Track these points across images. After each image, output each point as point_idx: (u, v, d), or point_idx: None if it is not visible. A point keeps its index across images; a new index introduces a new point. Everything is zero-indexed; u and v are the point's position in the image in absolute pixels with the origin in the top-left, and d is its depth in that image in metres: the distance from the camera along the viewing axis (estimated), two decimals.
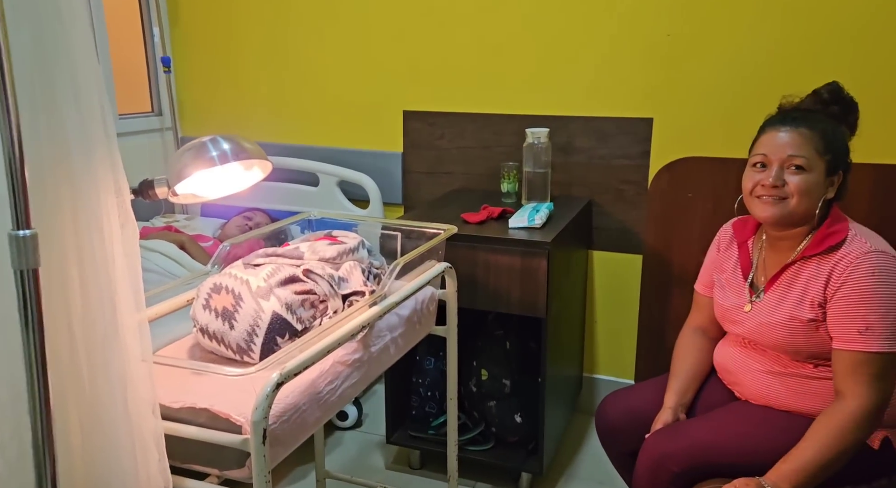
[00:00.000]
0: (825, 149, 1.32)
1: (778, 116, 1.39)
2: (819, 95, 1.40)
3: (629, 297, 2.31)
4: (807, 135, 1.32)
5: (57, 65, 0.79)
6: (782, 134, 1.34)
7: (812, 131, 1.32)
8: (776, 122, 1.37)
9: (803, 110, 1.39)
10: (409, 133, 2.47)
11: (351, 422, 2.32)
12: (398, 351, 1.41)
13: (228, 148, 1.13)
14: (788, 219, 1.35)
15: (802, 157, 1.31)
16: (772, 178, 1.32)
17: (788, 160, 1.32)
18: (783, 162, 1.33)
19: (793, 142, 1.32)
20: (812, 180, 1.32)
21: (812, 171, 1.32)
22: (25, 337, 0.77)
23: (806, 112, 1.38)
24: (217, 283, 1.19)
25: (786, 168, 1.33)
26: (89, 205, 0.84)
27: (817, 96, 1.40)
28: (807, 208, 1.33)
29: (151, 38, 2.64)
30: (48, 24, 0.77)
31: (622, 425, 1.55)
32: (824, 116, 1.37)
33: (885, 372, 1.24)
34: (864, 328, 1.24)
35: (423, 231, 1.58)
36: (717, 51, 2.05)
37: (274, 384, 0.97)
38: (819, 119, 1.35)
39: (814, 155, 1.31)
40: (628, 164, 2.23)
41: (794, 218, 1.35)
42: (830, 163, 1.32)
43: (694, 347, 1.59)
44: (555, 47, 2.22)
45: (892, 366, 1.25)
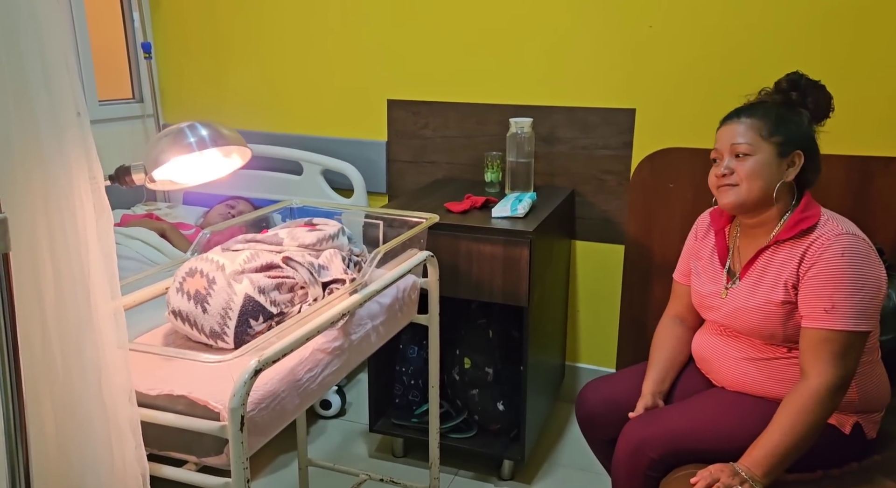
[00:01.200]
0: (770, 133, 1.36)
1: (729, 113, 1.44)
2: (779, 85, 1.45)
3: (611, 287, 2.32)
4: (748, 123, 1.38)
5: (26, 47, 0.77)
6: (728, 127, 1.41)
7: (753, 118, 1.38)
8: (726, 118, 1.43)
9: (750, 103, 1.44)
10: (393, 122, 2.46)
11: (334, 411, 2.32)
12: (379, 339, 1.41)
13: (206, 134, 1.12)
14: (746, 204, 1.39)
15: (745, 144, 1.37)
16: (722, 168, 1.39)
17: (733, 149, 1.38)
18: (730, 151, 1.39)
19: (735, 132, 1.39)
20: (758, 163, 1.36)
21: (757, 155, 1.36)
22: None
23: (752, 104, 1.44)
24: (192, 267, 1.18)
25: (733, 157, 1.39)
26: (61, 190, 0.83)
27: (777, 86, 1.45)
28: (761, 191, 1.37)
29: (132, 22, 2.60)
30: (17, 4, 0.76)
31: (602, 413, 1.57)
32: (772, 104, 1.41)
33: (847, 351, 1.27)
34: (831, 306, 1.27)
35: (405, 220, 1.58)
36: (699, 42, 2.06)
37: (252, 371, 0.97)
38: (763, 107, 1.41)
39: (756, 139, 1.37)
40: (611, 155, 2.23)
41: (752, 202, 1.39)
42: (780, 144, 1.36)
43: (672, 336, 1.60)
44: (538, 37, 2.22)
45: (854, 345, 1.28)
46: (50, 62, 0.80)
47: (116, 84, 2.65)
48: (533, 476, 2.05)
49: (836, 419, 1.35)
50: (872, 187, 1.94)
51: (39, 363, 0.87)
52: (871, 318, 1.28)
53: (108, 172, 1.15)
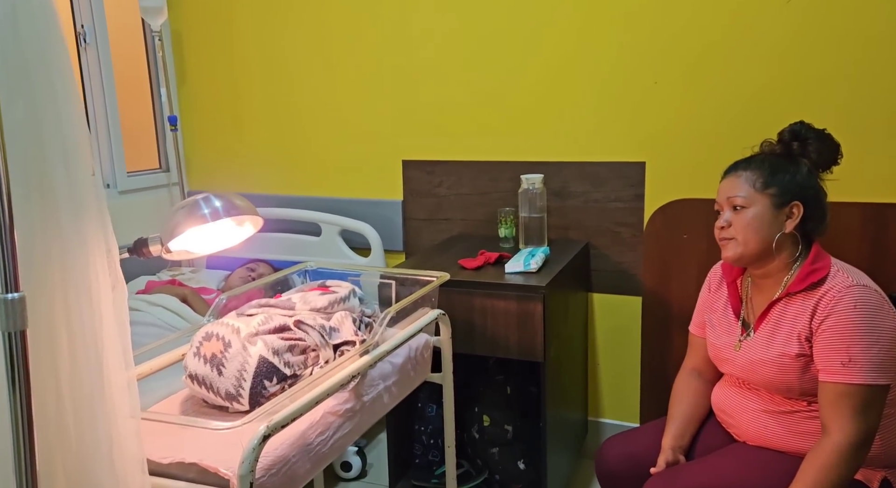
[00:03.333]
0: (765, 185, 1.38)
1: (730, 166, 1.47)
2: (781, 136, 1.46)
3: (631, 339, 2.30)
4: (743, 176, 1.40)
5: (48, 135, 0.83)
6: (725, 181, 1.44)
7: (748, 171, 1.40)
8: (726, 171, 1.46)
9: (748, 157, 1.46)
10: (409, 181, 2.52)
11: (355, 473, 2.30)
12: (392, 399, 1.41)
13: (220, 205, 1.17)
14: (745, 258, 1.40)
15: (739, 196, 1.39)
16: (721, 221, 1.42)
17: (729, 202, 1.41)
18: (727, 204, 1.42)
19: (731, 186, 1.41)
20: (752, 215, 1.38)
21: (752, 207, 1.38)
22: (12, 397, 0.79)
23: (750, 157, 1.46)
24: (209, 332, 1.22)
25: (730, 210, 1.41)
26: (78, 265, 0.88)
27: (780, 137, 1.46)
28: (757, 244, 1.38)
29: (159, 97, 2.74)
30: (41, 97, 0.82)
31: (622, 469, 1.53)
32: (769, 155, 1.43)
33: (868, 405, 1.24)
34: (848, 360, 1.25)
35: (416, 278, 1.60)
36: (703, 95, 2.10)
37: (260, 437, 0.98)
38: (759, 159, 1.42)
39: (750, 191, 1.38)
40: (623, 207, 2.25)
41: (750, 254, 1.39)
42: (776, 196, 1.37)
43: (690, 390, 1.58)
44: (547, 96, 2.28)
45: (875, 399, 1.25)
46: (69, 146, 0.85)
47: (144, 156, 2.77)
48: None
49: (862, 474, 1.30)
50: (888, 235, 1.92)
51: (54, 435, 0.90)
52: (890, 371, 1.25)
53: (130, 241, 1.20)
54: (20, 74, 0.82)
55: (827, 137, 1.44)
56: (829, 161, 1.44)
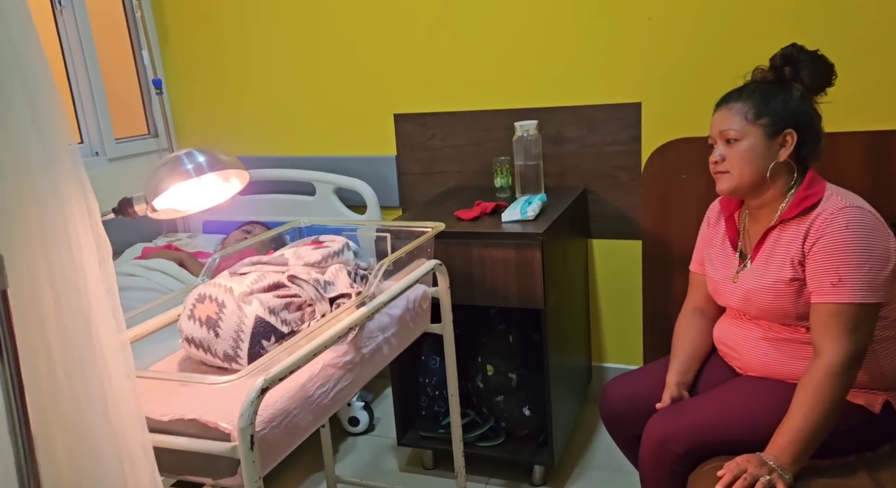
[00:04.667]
0: (756, 115, 1.35)
1: (722, 97, 1.43)
2: (773, 61, 1.42)
3: (632, 283, 2.29)
4: (734, 108, 1.37)
5: (11, 87, 0.80)
6: (717, 114, 1.41)
7: (738, 102, 1.37)
8: (718, 103, 1.43)
9: (738, 87, 1.42)
10: (401, 135, 2.48)
11: (363, 428, 2.33)
12: (392, 351, 1.41)
13: (204, 160, 1.14)
14: (739, 189, 1.39)
15: (731, 129, 1.37)
16: (715, 155, 1.40)
17: (722, 135, 1.38)
18: (720, 137, 1.39)
19: (722, 119, 1.39)
20: (746, 148, 1.35)
21: (745, 139, 1.36)
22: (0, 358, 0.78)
23: (741, 87, 1.42)
24: (202, 293, 1.20)
25: (724, 143, 1.38)
26: (58, 226, 0.85)
27: (771, 63, 1.42)
28: (752, 175, 1.36)
29: (141, 60, 2.67)
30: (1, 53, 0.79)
31: (625, 409, 1.54)
32: (760, 84, 1.39)
33: (858, 324, 1.24)
34: (838, 280, 1.25)
35: (412, 230, 1.58)
36: (699, 29, 2.03)
37: (258, 390, 0.98)
38: (750, 89, 1.39)
39: (743, 123, 1.36)
40: (620, 150, 2.21)
41: (745, 186, 1.38)
42: (768, 125, 1.34)
43: (693, 328, 1.58)
44: (538, 39, 2.22)
45: (865, 318, 1.24)
46: (38, 101, 0.82)
47: (132, 121, 2.72)
48: (565, 480, 2.02)
49: (864, 399, 1.31)
50: (891, 163, 1.88)
51: (47, 396, 0.89)
52: (881, 290, 1.24)
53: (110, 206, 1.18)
54: None
55: (820, 58, 1.39)
56: (822, 83, 1.40)
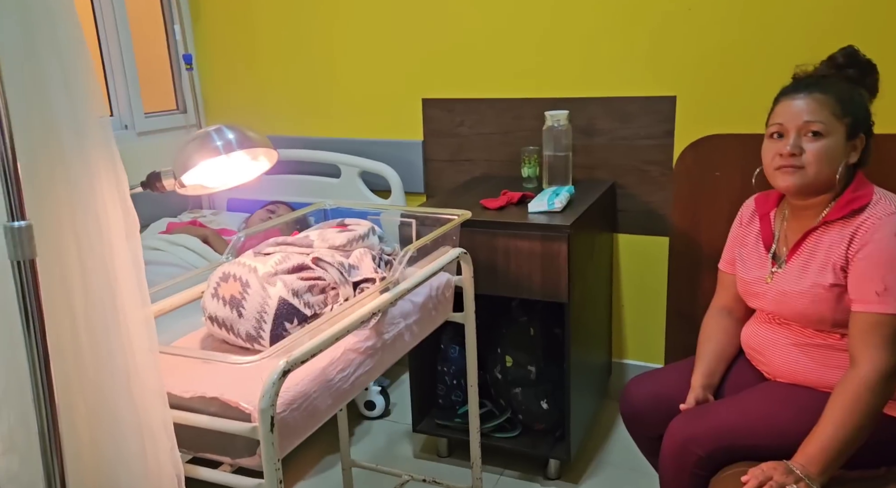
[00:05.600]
0: (843, 112, 1.28)
1: (792, 85, 1.35)
2: (834, 60, 1.36)
3: (657, 280, 2.25)
4: (822, 100, 1.28)
5: (46, 56, 0.79)
6: (797, 101, 1.30)
7: (827, 95, 1.28)
8: (790, 90, 1.34)
9: (817, 76, 1.35)
10: (429, 121, 2.45)
11: (378, 412, 2.33)
12: (414, 338, 1.40)
13: (233, 137, 1.13)
14: (809, 187, 1.31)
15: (819, 122, 1.27)
16: (789, 146, 1.29)
17: (805, 127, 1.28)
18: (800, 129, 1.29)
19: (808, 108, 1.28)
20: (831, 145, 1.28)
21: (830, 136, 1.28)
22: (25, 328, 0.78)
23: (820, 78, 1.35)
24: (226, 272, 1.20)
25: (803, 135, 1.29)
26: (86, 197, 0.85)
27: (832, 61, 1.37)
28: (827, 175, 1.29)
29: (173, 35, 2.67)
30: (36, 14, 0.77)
31: (647, 409, 1.51)
32: (839, 80, 1.33)
33: None
34: (883, 289, 1.20)
35: (437, 217, 1.56)
36: (740, 23, 1.97)
37: (280, 371, 0.97)
38: (833, 83, 1.32)
39: (831, 119, 1.27)
40: (652, 144, 2.16)
41: (816, 186, 1.31)
42: (850, 126, 1.28)
43: (719, 328, 1.54)
44: (571, 27, 2.17)
45: None
46: (70, 71, 0.81)
47: (161, 96, 2.73)
48: (580, 475, 2.00)
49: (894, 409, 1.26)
50: None
51: (71, 366, 0.89)
52: None
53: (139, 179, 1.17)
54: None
55: (875, 67, 1.36)
56: (875, 90, 1.37)
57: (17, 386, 0.86)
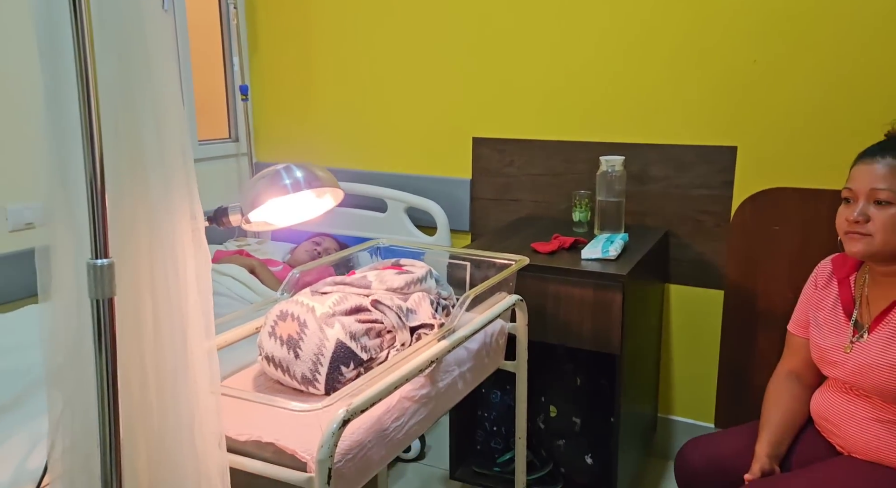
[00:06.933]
0: None
1: (871, 147, 1.30)
2: None
3: (709, 335, 2.18)
4: (891, 165, 1.23)
5: (140, 94, 0.79)
6: (871, 166, 1.26)
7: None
8: (867, 153, 1.29)
9: (892, 141, 1.29)
10: (478, 159, 2.44)
11: (414, 454, 2.27)
12: (466, 386, 1.36)
13: (301, 176, 1.12)
14: (878, 255, 1.26)
15: (886, 190, 1.23)
16: (856, 213, 1.25)
17: (872, 194, 1.25)
18: (868, 195, 1.25)
19: (877, 175, 1.24)
20: None
21: None
22: (99, 366, 0.76)
23: (894, 141, 1.28)
24: (283, 310, 1.18)
25: (871, 202, 1.25)
26: (165, 233, 0.84)
27: None
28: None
29: (231, 66, 2.72)
30: (133, 54, 0.78)
31: (705, 474, 1.44)
32: None
33: None
34: None
35: (492, 261, 1.53)
36: (807, 75, 1.93)
37: (340, 421, 0.94)
38: None
39: None
40: (708, 195, 2.12)
41: (885, 254, 1.26)
42: None
43: (787, 394, 1.46)
44: (629, 72, 2.15)
45: None
46: (161, 108, 0.81)
47: (214, 124, 2.78)
48: None
49: None
50: None
51: (136, 406, 0.87)
52: None
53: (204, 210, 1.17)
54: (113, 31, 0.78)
55: None
56: None
57: (80, 424, 0.84)
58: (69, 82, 0.73)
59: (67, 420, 0.85)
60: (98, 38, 0.72)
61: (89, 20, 0.70)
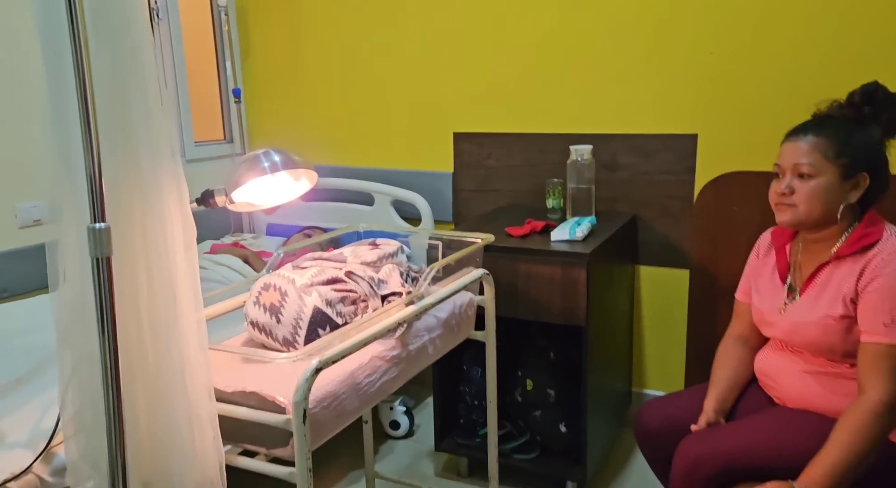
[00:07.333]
0: (837, 154, 1.34)
1: (796, 127, 1.43)
2: (851, 98, 1.41)
3: (677, 312, 2.31)
4: (813, 142, 1.35)
5: (130, 88, 0.93)
6: (795, 143, 1.38)
7: (819, 137, 1.35)
8: (792, 132, 1.42)
9: (819, 117, 1.42)
10: (459, 153, 2.58)
11: (403, 432, 2.40)
12: (437, 351, 1.49)
13: (279, 159, 1.26)
14: (803, 224, 1.39)
15: (808, 165, 1.35)
16: (782, 187, 1.38)
17: (795, 168, 1.37)
18: (792, 170, 1.37)
19: (799, 151, 1.36)
20: (820, 186, 1.35)
21: (820, 177, 1.35)
22: (99, 319, 0.90)
23: (821, 119, 1.41)
24: (267, 282, 1.31)
25: (795, 176, 1.37)
26: (155, 208, 0.98)
27: (850, 99, 1.41)
28: (820, 212, 1.36)
29: (224, 71, 2.87)
30: (122, 52, 0.92)
31: (661, 431, 1.56)
32: (841, 121, 1.39)
33: None
34: (890, 321, 1.25)
35: (462, 241, 1.66)
36: (760, 66, 2.07)
37: (313, 369, 1.07)
38: (831, 124, 1.38)
39: (820, 160, 1.34)
40: (673, 180, 2.25)
41: (809, 223, 1.38)
42: (846, 166, 1.34)
43: (734, 356, 1.59)
44: (597, 68, 2.29)
45: None
46: (150, 101, 0.95)
47: (210, 127, 2.93)
48: None
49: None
50: None
51: (135, 357, 1.01)
52: None
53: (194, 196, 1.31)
54: (105, 32, 0.92)
55: (893, 100, 1.39)
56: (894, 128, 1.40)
57: (86, 373, 0.98)
58: (69, 81, 0.87)
59: (76, 373, 0.99)
60: (92, 40, 0.86)
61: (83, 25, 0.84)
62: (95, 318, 0.91)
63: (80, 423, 0.99)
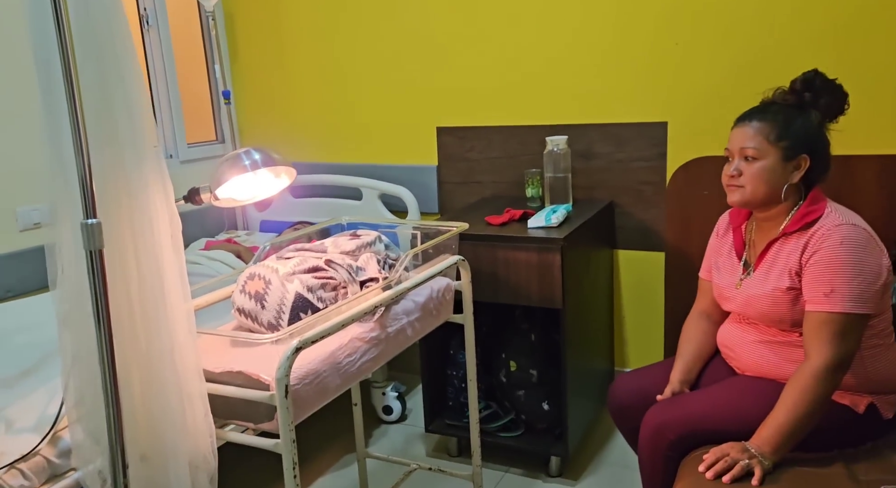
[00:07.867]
0: (778, 137, 1.43)
1: (743, 113, 1.52)
2: (793, 85, 1.50)
3: (655, 293, 2.40)
4: (756, 127, 1.45)
5: (115, 94, 1.02)
6: (739, 129, 1.48)
7: (762, 122, 1.45)
8: (740, 118, 1.51)
9: (764, 103, 1.51)
10: (443, 147, 2.67)
11: (395, 416, 2.50)
12: (416, 333, 1.58)
13: (259, 157, 1.36)
14: (750, 203, 1.48)
15: (752, 148, 1.44)
16: (731, 169, 1.48)
17: (741, 152, 1.47)
18: (739, 153, 1.47)
19: (745, 135, 1.46)
20: (764, 167, 1.44)
21: (763, 159, 1.44)
22: (95, 307, 1.00)
23: (766, 105, 1.51)
24: (252, 272, 1.41)
25: (742, 159, 1.46)
26: (140, 201, 1.07)
27: (791, 86, 1.51)
28: (765, 193, 1.45)
29: (214, 74, 2.96)
30: (108, 63, 1.01)
31: (632, 402, 1.66)
32: (782, 107, 1.47)
33: (846, 332, 1.33)
34: (830, 291, 1.34)
35: (439, 229, 1.76)
36: (723, 55, 2.15)
37: (294, 348, 1.17)
38: (773, 110, 1.47)
39: (763, 144, 1.43)
40: (646, 166, 2.34)
41: (756, 202, 1.47)
42: (787, 149, 1.43)
43: (699, 330, 1.69)
44: (570, 61, 2.38)
45: (853, 327, 1.33)
46: (132, 103, 1.04)
47: (202, 128, 3.02)
48: (580, 472, 2.13)
49: (849, 399, 1.40)
50: None
51: (128, 342, 1.10)
52: (869, 302, 1.33)
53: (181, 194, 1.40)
54: (90, 43, 1.01)
55: (838, 87, 1.48)
56: (837, 111, 1.49)
57: (85, 356, 1.08)
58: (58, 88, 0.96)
59: (77, 356, 1.09)
60: (79, 49, 0.95)
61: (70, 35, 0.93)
62: (91, 306, 1.00)
63: (81, 404, 1.09)
